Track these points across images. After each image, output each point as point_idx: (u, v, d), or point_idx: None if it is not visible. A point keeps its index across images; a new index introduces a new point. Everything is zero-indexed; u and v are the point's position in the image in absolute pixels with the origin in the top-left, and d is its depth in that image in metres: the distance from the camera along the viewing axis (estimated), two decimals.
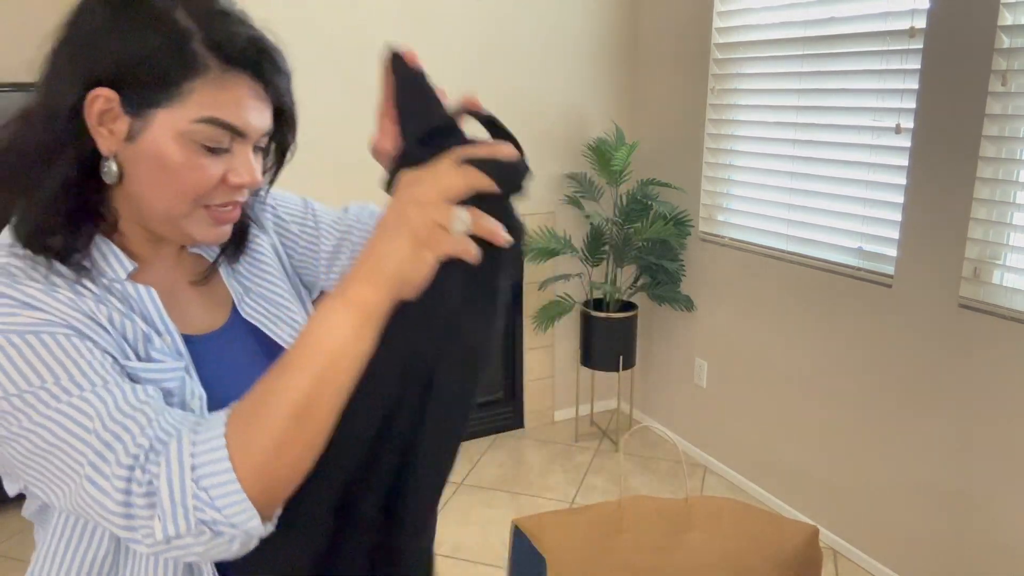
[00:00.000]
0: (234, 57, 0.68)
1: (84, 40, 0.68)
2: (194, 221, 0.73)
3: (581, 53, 3.22)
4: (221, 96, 0.68)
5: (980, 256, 2.09)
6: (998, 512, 2.10)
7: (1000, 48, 1.97)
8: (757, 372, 2.86)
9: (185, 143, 0.68)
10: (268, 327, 0.85)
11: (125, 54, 0.66)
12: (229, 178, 0.72)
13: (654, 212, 3.08)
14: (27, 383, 0.62)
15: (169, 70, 0.66)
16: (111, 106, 0.67)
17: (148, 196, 0.71)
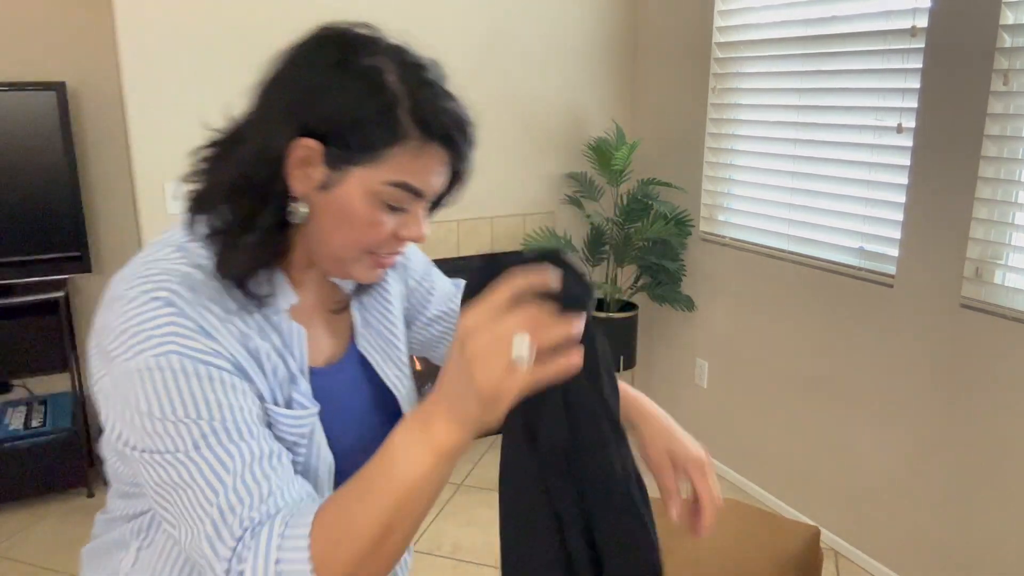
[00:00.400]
0: (435, 131, 0.72)
1: (303, 92, 0.72)
2: (359, 265, 0.78)
3: (581, 52, 3.22)
4: (415, 164, 0.73)
5: (982, 256, 2.08)
6: (999, 512, 2.09)
7: (1002, 47, 1.96)
8: (758, 372, 2.86)
9: (372, 200, 0.73)
10: (378, 363, 0.90)
11: (339, 114, 0.71)
12: (400, 232, 0.77)
13: (655, 212, 3.07)
14: (185, 413, 0.67)
15: (374, 136, 0.71)
16: (313, 156, 0.72)
17: (325, 239, 0.76)
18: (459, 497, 2.89)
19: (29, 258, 2.70)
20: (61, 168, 2.68)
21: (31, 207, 2.68)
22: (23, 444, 2.68)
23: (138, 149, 2.50)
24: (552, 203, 3.29)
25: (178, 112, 2.52)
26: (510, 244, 3.23)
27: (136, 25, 2.41)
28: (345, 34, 0.75)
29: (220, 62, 2.54)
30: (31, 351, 2.68)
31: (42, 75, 2.79)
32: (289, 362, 0.77)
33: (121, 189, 2.99)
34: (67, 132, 2.67)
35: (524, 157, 3.19)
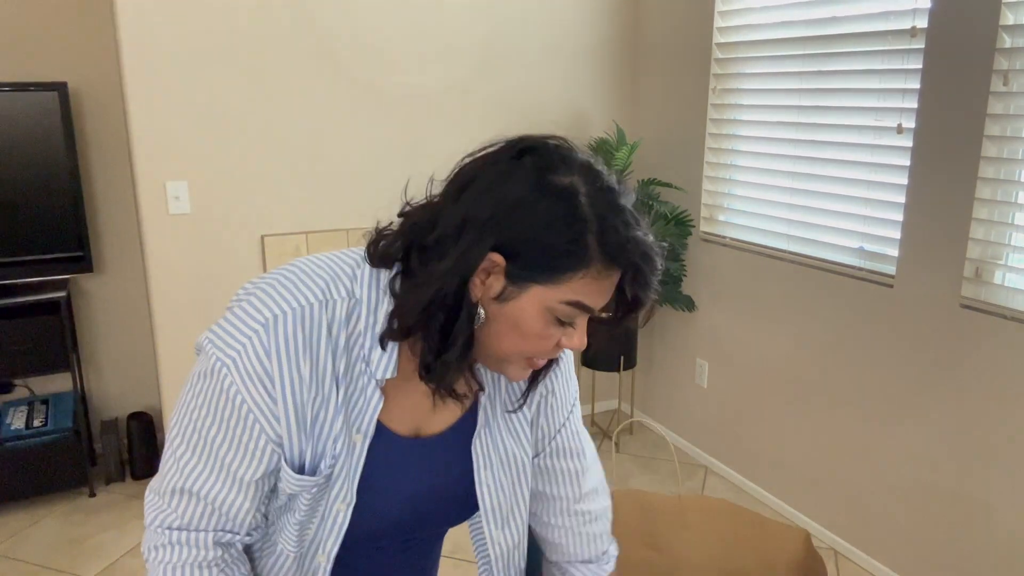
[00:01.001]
0: (620, 260, 0.74)
1: (502, 208, 0.73)
2: (515, 366, 0.81)
3: (582, 53, 3.22)
4: (593, 286, 0.75)
5: (982, 256, 2.09)
6: (999, 512, 2.09)
7: (1002, 48, 1.96)
8: (758, 372, 2.86)
9: (545, 315, 0.76)
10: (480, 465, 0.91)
11: (532, 234, 0.72)
12: (562, 342, 0.80)
13: (655, 212, 3.08)
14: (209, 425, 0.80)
15: (561, 261, 0.73)
16: (496, 268, 0.74)
17: (493, 344, 0.79)
18: None
19: (31, 258, 2.71)
20: (63, 168, 2.69)
21: (33, 207, 2.69)
22: (25, 444, 2.69)
23: (139, 149, 2.50)
24: None
25: (179, 112, 2.52)
26: None
27: (138, 26, 2.42)
28: (542, 149, 0.77)
29: (221, 63, 2.55)
30: (33, 351, 2.69)
31: (44, 75, 2.80)
32: (339, 420, 0.81)
33: (122, 189, 3.00)
34: (69, 132, 2.68)
35: None
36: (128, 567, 2.47)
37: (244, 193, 2.65)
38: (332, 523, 0.85)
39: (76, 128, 2.82)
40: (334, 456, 0.82)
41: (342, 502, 0.84)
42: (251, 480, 0.82)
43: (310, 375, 0.78)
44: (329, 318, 0.78)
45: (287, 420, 0.79)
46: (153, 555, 0.84)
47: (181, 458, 0.82)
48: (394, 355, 0.80)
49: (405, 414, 0.87)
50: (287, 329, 0.77)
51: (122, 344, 3.12)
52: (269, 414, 0.78)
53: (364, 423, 0.82)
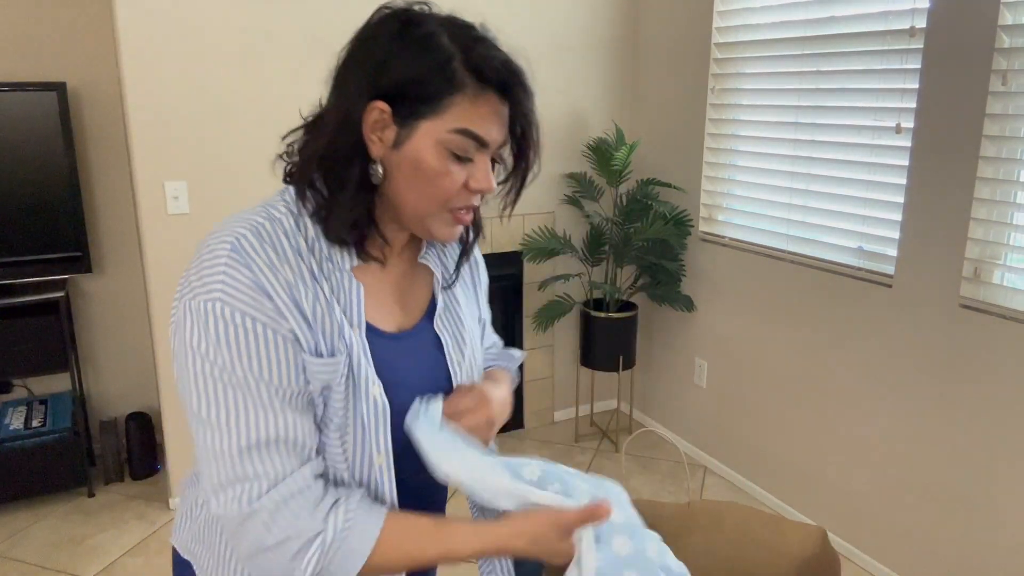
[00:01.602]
0: (488, 77, 0.80)
1: (372, 64, 0.81)
2: (437, 220, 0.86)
3: (581, 53, 3.22)
4: (474, 111, 0.81)
5: (981, 256, 2.09)
6: (999, 512, 2.09)
7: (1000, 48, 1.96)
8: (757, 372, 2.86)
9: (440, 151, 0.81)
10: (448, 344, 0.97)
11: (402, 76, 0.79)
12: (469, 183, 0.84)
13: (654, 212, 3.08)
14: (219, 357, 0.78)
15: (435, 88, 0.79)
16: (384, 117, 0.80)
17: (403, 196, 0.84)
18: (459, 498, 2.88)
19: (29, 258, 2.71)
20: (61, 168, 2.69)
21: (32, 207, 2.68)
22: (24, 444, 2.68)
23: (138, 149, 2.50)
24: (552, 203, 3.30)
25: (178, 113, 2.52)
26: (509, 244, 3.23)
27: (137, 25, 2.42)
28: (401, 10, 0.84)
29: (220, 63, 2.55)
30: (32, 351, 2.69)
31: (43, 75, 2.80)
32: (336, 313, 0.84)
33: (121, 189, 3.00)
34: (68, 132, 2.67)
35: None
36: (127, 567, 2.47)
37: (243, 193, 2.65)
38: (373, 412, 0.86)
39: (75, 128, 2.82)
40: (345, 344, 0.84)
41: (374, 384, 0.86)
42: (298, 392, 0.82)
43: (293, 276, 0.81)
44: (282, 230, 0.83)
45: (293, 318, 0.81)
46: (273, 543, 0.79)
47: (224, 427, 0.78)
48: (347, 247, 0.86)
49: (385, 312, 0.92)
50: (252, 243, 0.80)
51: (121, 344, 3.12)
52: (277, 317, 0.80)
53: (354, 315, 0.86)
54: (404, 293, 0.95)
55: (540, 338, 3.42)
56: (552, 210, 3.30)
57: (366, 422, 0.86)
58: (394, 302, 0.94)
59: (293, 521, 0.79)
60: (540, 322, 3.26)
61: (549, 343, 3.45)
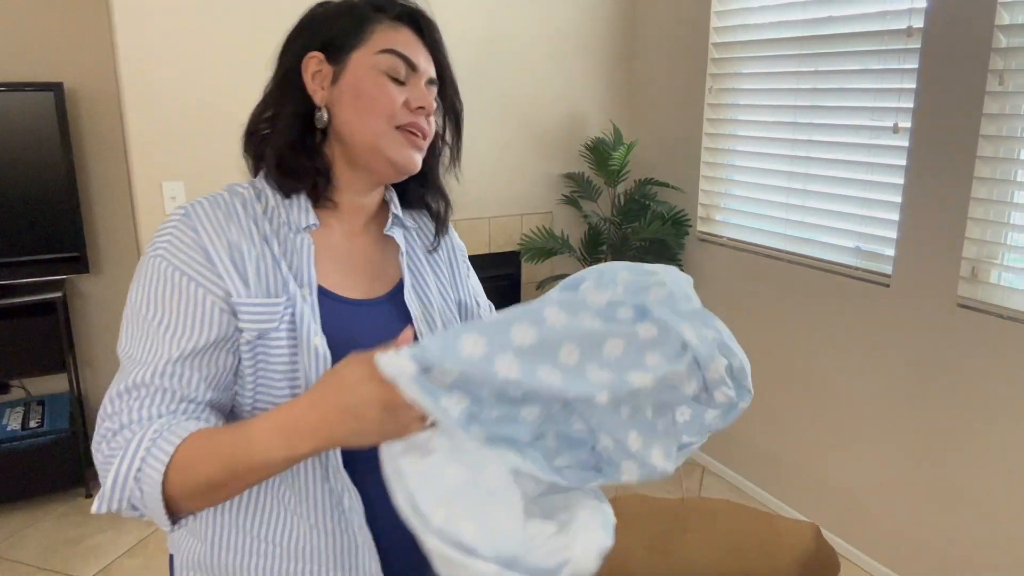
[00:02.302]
0: (395, 14, 0.91)
1: (302, 31, 0.93)
2: (389, 141, 0.90)
3: (579, 53, 3.22)
4: (395, 36, 0.90)
5: (978, 255, 2.09)
6: (996, 511, 2.09)
7: (998, 48, 1.96)
8: (754, 371, 2.84)
9: (374, 73, 0.89)
10: (417, 319, 0.97)
11: (327, 26, 0.91)
12: (410, 102, 0.90)
13: (652, 212, 3.08)
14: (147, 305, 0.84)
15: (355, 24, 0.90)
16: (321, 67, 0.90)
17: (351, 127, 0.90)
18: None
19: (27, 259, 2.70)
20: (59, 169, 2.68)
21: (29, 208, 2.68)
22: (21, 445, 2.68)
23: (136, 150, 2.50)
24: (550, 203, 3.30)
25: (175, 113, 2.52)
26: (507, 244, 3.23)
27: (134, 26, 2.41)
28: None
29: (217, 63, 2.54)
30: (29, 351, 2.68)
31: (40, 76, 2.79)
32: (281, 268, 0.87)
33: (119, 190, 2.99)
34: (65, 133, 2.67)
35: (522, 157, 3.19)
36: (125, 568, 2.46)
37: None
38: (314, 362, 0.85)
39: (72, 128, 2.81)
40: (288, 296, 0.86)
41: (316, 336, 0.86)
42: (201, 347, 0.82)
43: (239, 238, 0.86)
44: (240, 201, 0.89)
45: (230, 277, 0.84)
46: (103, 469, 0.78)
47: (126, 363, 0.83)
48: (305, 202, 0.91)
49: (349, 280, 0.94)
50: (204, 209, 0.87)
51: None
52: (211, 275, 0.83)
53: (304, 273, 0.88)
54: (373, 264, 0.98)
55: None
56: (550, 210, 3.30)
57: (307, 371, 0.85)
58: (361, 271, 0.96)
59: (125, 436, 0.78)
60: None
61: None
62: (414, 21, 0.93)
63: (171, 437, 0.76)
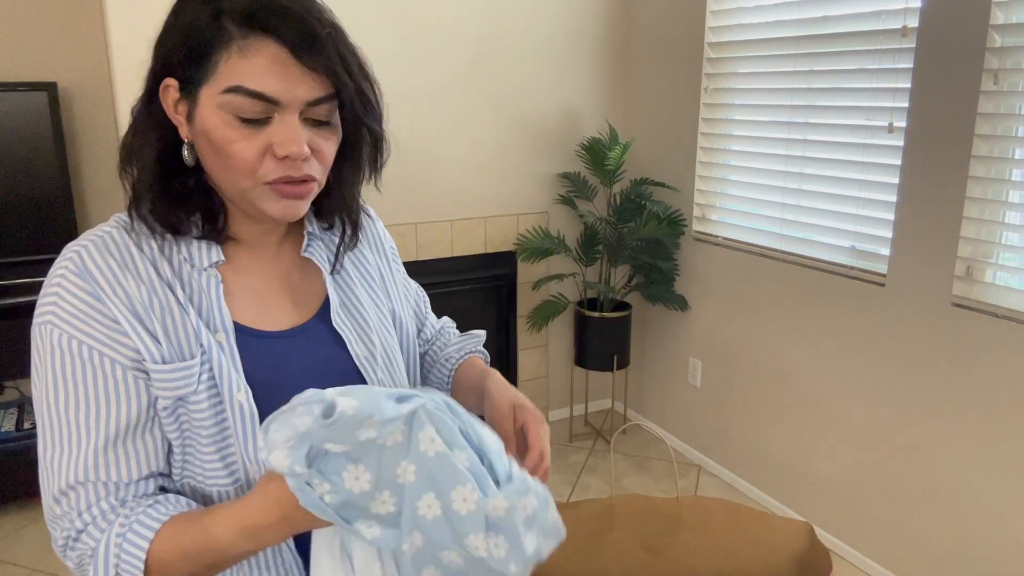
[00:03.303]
0: (250, 21, 0.70)
1: (160, 40, 0.76)
2: (261, 197, 0.76)
3: (575, 52, 3.22)
4: (246, 65, 0.70)
5: (973, 255, 2.09)
6: (992, 510, 2.10)
7: (992, 47, 1.97)
8: (751, 371, 2.86)
9: (223, 116, 0.72)
10: (351, 341, 0.88)
11: (175, 42, 0.73)
12: (274, 150, 0.73)
13: (648, 212, 3.08)
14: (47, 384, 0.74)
15: (200, 45, 0.71)
16: (174, 92, 0.74)
17: (213, 173, 0.77)
18: None
19: (21, 259, 2.69)
20: (53, 169, 2.67)
21: (22, 208, 2.67)
22: (15, 446, 2.67)
23: None
24: (546, 203, 3.30)
25: None
26: (503, 244, 3.23)
27: (128, 25, 2.40)
28: None
29: None
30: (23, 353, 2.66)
31: (34, 75, 2.78)
32: (190, 317, 0.77)
33: (113, 190, 2.98)
34: (58, 133, 2.66)
35: (518, 157, 3.19)
36: None
37: None
38: (240, 420, 0.77)
39: (66, 128, 2.80)
40: (203, 350, 0.76)
41: (239, 390, 0.77)
42: (126, 426, 0.75)
43: (138, 287, 0.75)
44: (134, 240, 0.78)
45: (136, 334, 0.74)
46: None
47: (52, 461, 0.74)
48: (206, 243, 0.80)
49: (267, 310, 0.84)
50: (93, 256, 0.75)
51: None
52: (117, 338, 0.74)
53: (217, 318, 0.78)
54: (294, 289, 0.87)
55: (534, 338, 3.42)
56: (546, 210, 3.30)
57: (236, 433, 0.77)
58: (281, 299, 0.86)
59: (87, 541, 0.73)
60: (534, 322, 3.26)
61: (543, 343, 3.45)
62: (279, 28, 0.70)
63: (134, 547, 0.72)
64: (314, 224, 0.90)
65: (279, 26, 0.70)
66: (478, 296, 3.28)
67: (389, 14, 2.80)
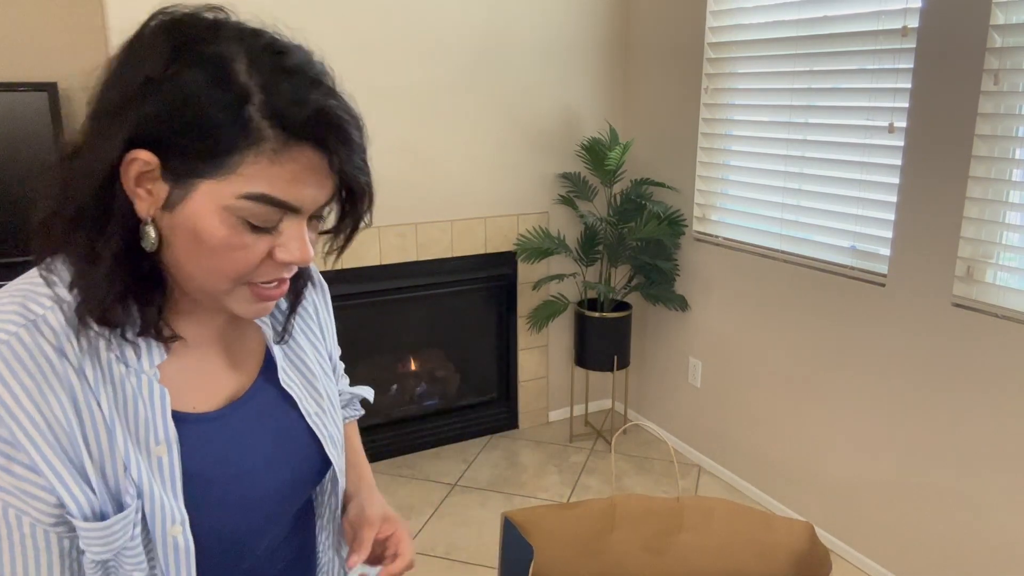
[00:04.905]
0: (297, 130, 0.59)
1: (132, 92, 0.59)
2: (235, 298, 0.66)
3: (575, 52, 3.22)
4: (275, 171, 0.60)
5: (973, 255, 2.09)
6: (992, 511, 2.10)
7: (992, 47, 1.97)
8: (751, 372, 2.86)
9: (228, 219, 0.61)
10: (302, 400, 0.80)
11: (173, 114, 0.58)
12: (276, 254, 0.64)
13: (648, 212, 3.08)
14: None
15: (219, 138, 0.58)
16: (150, 169, 0.60)
17: (186, 268, 0.64)
18: (453, 498, 2.88)
19: (19, 260, 2.69)
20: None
21: (22, 209, 2.67)
22: None
23: None
24: (546, 203, 3.30)
25: None
26: (503, 244, 3.23)
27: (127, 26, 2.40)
28: (184, 19, 0.61)
29: None
30: None
31: (34, 76, 2.78)
32: (116, 436, 0.64)
33: None
34: (59, 133, 2.66)
35: (518, 157, 3.19)
36: None
37: None
38: (176, 558, 0.67)
39: (66, 129, 2.80)
40: (135, 483, 0.64)
41: (173, 525, 0.66)
42: None
43: (60, 407, 0.61)
44: (47, 335, 0.61)
45: (61, 482, 0.61)
46: None
47: None
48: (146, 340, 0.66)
49: (205, 384, 0.73)
50: (3, 376, 0.59)
51: None
52: (31, 491, 0.60)
53: (159, 430, 0.66)
54: (229, 348, 0.75)
55: (534, 338, 3.42)
56: (546, 210, 3.30)
57: (165, 571, 0.67)
58: (217, 363, 0.74)
59: None
60: (534, 322, 3.26)
61: (543, 343, 3.45)
62: (322, 138, 0.60)
63: None
64: None
65: (329, 138, 0.61)
66: (478, 296, 3.28)
67: (390, 14, 2.80)
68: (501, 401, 3.43)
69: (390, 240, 2.96)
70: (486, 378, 3.40)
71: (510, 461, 3.19)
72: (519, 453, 3.26)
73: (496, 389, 3.43)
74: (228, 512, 0.72)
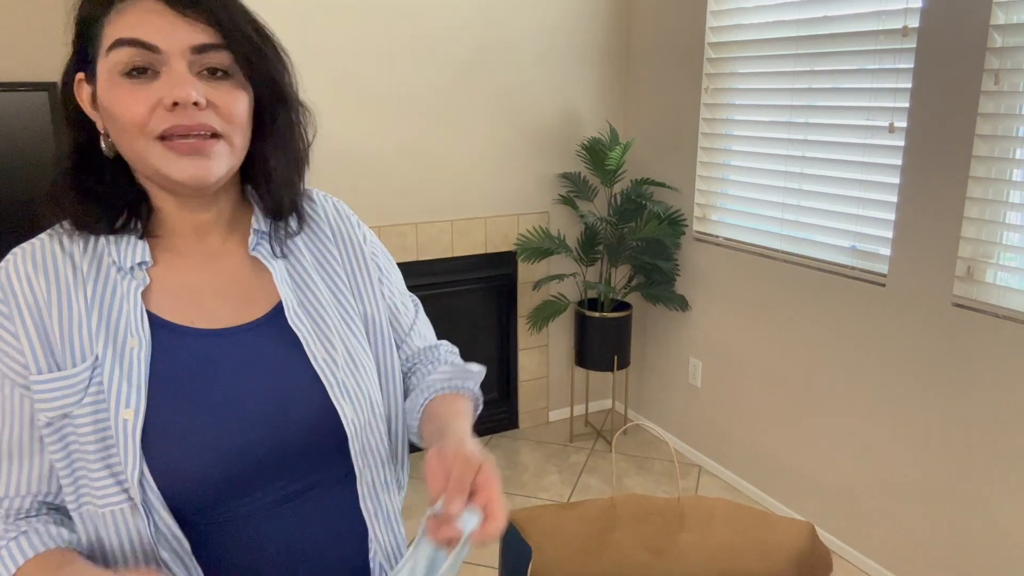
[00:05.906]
0: None
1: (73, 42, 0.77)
2: (159, 158, 0.73)
3: (575, 53, 3.22)
4: (124, 20, 0.72)
5: (973, 255, 2.09)
6: (993, 511, 2.10)
7: (993, 47, 1.97)
8: (751, 371, 2.86)
9: (113, 79, 0.72)
10: (308, 341, 0.83)
11: (77, 41, 0.76)
12: (164, 99, 0.71)
13: (648, 212, 3.08)
14: None
15: (90, 26, 0.74)
16: (81, 80, 0.76)
17: (121, 148, 0.75)
18: None
19: None
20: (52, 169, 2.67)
21: (22, 208, 2.67)
22: None
23: None
24: (546, 203, 3.30)
25: None
26: (504, 244, 3.23)
27: None
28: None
29: None
30: None
31: (33, 75, 2.78)
32: (91, 319, 0.75)
33: None
34: (58, 133, 2.66)
35: (518, 157, 3.19)
36: None
37: None
38: (125, 440, 0.72)
39: None
40: (95, 357, 0.73)
41: (126, 408, 0.72)
42: (17, 443, 0.74)
43: (46, 287, 0.75)
44: (63, 240, 0.78)
45: (31, 346, 0.73)
46: None
47: None
48: (134, 239, 0.78)
49: (206, 308, 0.80)
50: (17, 266, 0.76)
51: None
52: (9, 352, 0.73)
53: (135, 324, 0.75)
54: (243, 288, 0.83)
55: (535, 338, 3.42)
56: (546, 210, 3.30)
57: (118, 449, 0.72)
58: (225, 297, 0.82)
59: None
60: (535, 322, 3.26)
61: (543, 343, 3.45)
62: None
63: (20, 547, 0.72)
64: (261, 221, 0.85)
65: None
66: (478, 296, 3.28)
67: (390, 13, 2.80)
68: (501, 401, 3.43)
69: (390, 240, 2.96)
70: (486, 378, 3.39)
71: (510, 461, 3.19)
72: (519, 453, 3.26)
73: (496, 389, 3.43)
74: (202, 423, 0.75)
